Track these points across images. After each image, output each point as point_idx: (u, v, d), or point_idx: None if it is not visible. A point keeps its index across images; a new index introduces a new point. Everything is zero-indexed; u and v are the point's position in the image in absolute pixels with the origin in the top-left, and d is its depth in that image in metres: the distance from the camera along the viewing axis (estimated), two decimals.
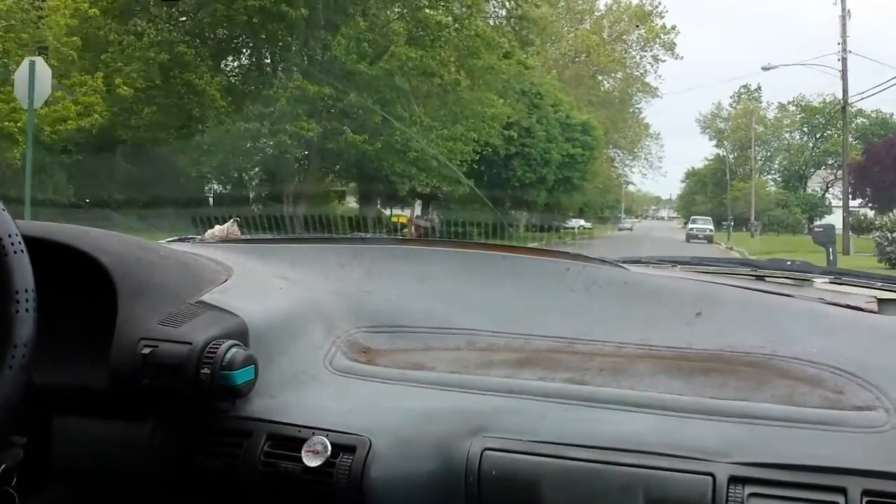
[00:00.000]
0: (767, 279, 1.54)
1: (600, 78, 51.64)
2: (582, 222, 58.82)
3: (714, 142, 69.74)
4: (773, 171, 63.54)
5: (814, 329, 1.21)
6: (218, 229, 1.72)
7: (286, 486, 1.01)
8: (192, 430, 1.06)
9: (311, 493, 1.00)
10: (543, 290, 1.36)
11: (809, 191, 56.71)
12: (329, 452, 1.00)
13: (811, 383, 1.08)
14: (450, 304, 1.35)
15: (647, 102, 58.00)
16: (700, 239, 38.98)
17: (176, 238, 1.72)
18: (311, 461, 0.99)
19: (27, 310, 0.83)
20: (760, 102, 65.61)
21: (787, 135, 62.27)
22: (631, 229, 64.85)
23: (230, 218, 1.80)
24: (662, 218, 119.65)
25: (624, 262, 1.52)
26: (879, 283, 1.55)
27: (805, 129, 59.95)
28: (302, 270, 1.41)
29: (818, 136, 57.87)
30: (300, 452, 1.00)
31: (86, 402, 1.09)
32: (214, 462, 1.04)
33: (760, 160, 63.23)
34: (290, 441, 1.02)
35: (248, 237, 1.82)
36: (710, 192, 67.23)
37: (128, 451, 1.09)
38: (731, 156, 64.77)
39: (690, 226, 43.91)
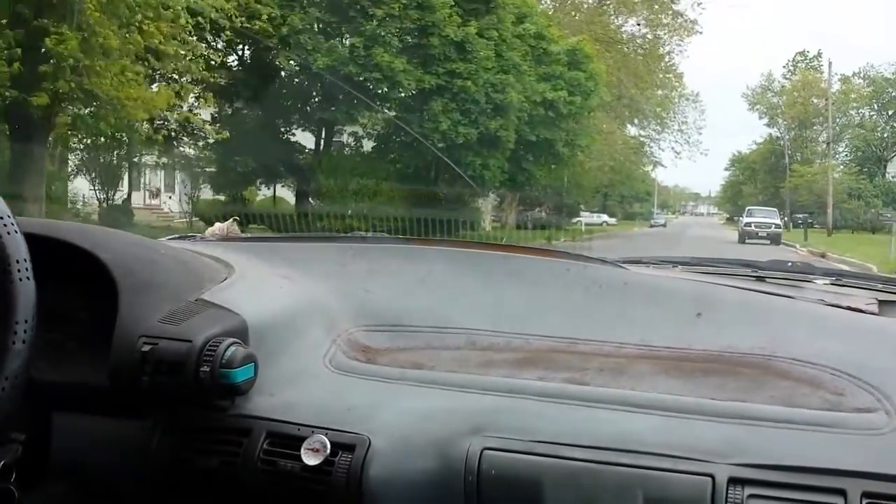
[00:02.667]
0: (768, 280, 1.54)
1: (618, 21, 36.62)
2: (605, 217, 50.66)
3: (765, 120, 56.27)
4: (838, 154, 49.90)
5: (814, 330, 1.21)
6: (218, 227, 1.72)
7: (285, 485, 1.01)
8: (192, 428, 1.06)
9: (310, 491, 1.00)
10: (544, 290, 1.36)
11: (890, 177, 45.40)
12: (328, 451, 1.00)
13: (811, 385, 1.08)
14: (450, 303, 1.35)
15: (678, 45, 39.83)
16: (761, 238, 27.00)
17: (176, 236, 1.72)
18: (311, 460, 0.99)
19: (24, 341, 0.83)
20: (820, 73, 52.02)
21: (853, 111, 49.89)
22: (664, 226, 54.76)
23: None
24: (701, 214, 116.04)
25: (624, 262, 1.52)
26: (880, 285, 1.55)
27: (875, 105, 48.66)
28: (302, 269, 1.41)
29: (891, 112, 47.54)
30: (299, 451, 1.00)
31: (85, 399, 1.09)
32: (214, 460, 1.04)
33: (823, 142, 50.58)
34: (289, 439, 1.02)
35: (249, 235, 1.82)
36: (760, 181, 55.98)
37: (127, 449, 1.09)
38: (786, 136, 53.45)
39: (746, 219, 29.89)
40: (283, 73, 18.59)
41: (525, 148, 21.59)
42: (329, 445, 1.00)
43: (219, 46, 16.14)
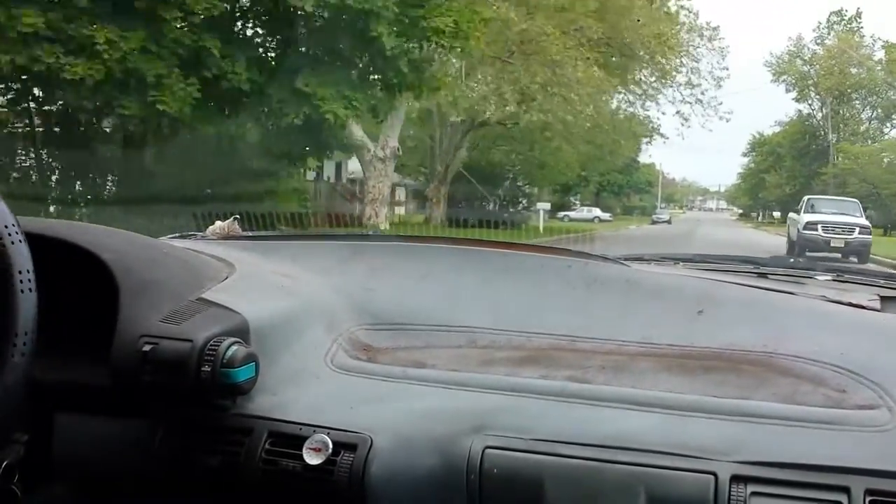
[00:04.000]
0: (770, 277, 1.54)
1: None
2: (596, 212, 43.68)
3: (794, 93, 45.50)
4: (885, 135, 40.76)
5: (816, 327, 1.21)
6: (219, 226, 1.72)
7: (287, 484, 1.01)
8: (194, 428, 1.06)
9: (312, 491, 1.00)
10: (545, 288, 1.35)
11: None
12: (330, 450, 0.99)
13: (813, 382, 1.08)
14: (451, 301, 1.35)
15: None
16: (834, 250, 16.44)
17: (177, 235, 1.72)
18: (312, 459, 0.99)
19: (23, 354, 0.82)
20: (860, 37, 43.16)
21: None
22: (668, 222, 46.59)
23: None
24: (710, 209, 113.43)
25: (626, 259, 1.52)
26: (882, 281, 1.54)
27: None
28: (303, 267, 1.41)
29: None
30: (301, 450, 1.00)
31: (87, 399, 1.09)
32: (215, 460, 1.04)
33: (866, 120, 43.39)
34: (291, 439, 1.02)
35: (250, 234, 1.82)
36: (787, 168, 45.30)
37: (129, 449, 1.09)
38: (826, 110, 43.41)
39: (808, 217, 17.65)
40: None
41: (312, 36, 10.22)
42: (331, 445, 1.00)
43: None
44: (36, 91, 10.26)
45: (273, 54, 11.22)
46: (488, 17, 13.78)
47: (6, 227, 0.83)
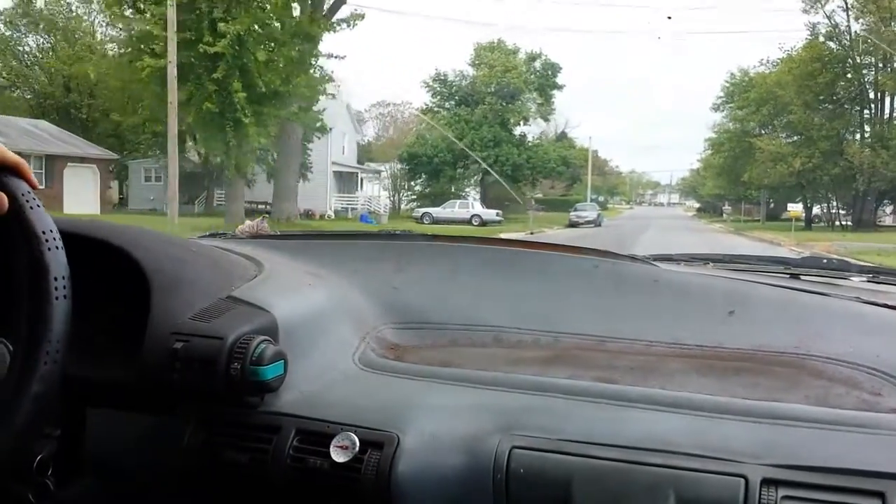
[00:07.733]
0: (802, 277, 1.51)
1: None
2: (476, 207, 32.11)
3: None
4: None
5: (850, 329, 1.19)
6: (248, 225, 1.74)
7: (314, 482, 1.01)
8: (223, 425, 1.07)
9: (338, 488, 1.00)
10: (572, 287, 1.35)
11: None
12: (357, 448, 1.00)
13: (847, 384, 1.06)
14: (478, 300, 1.34)
15: None
16: None
17: (207, 234, 1.74)
18: (339, 457, 1.00)
19: (55, 362, 0.83)
20: None
21: None
22: (597, 224, 34.54)
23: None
24: (661, 204, 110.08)
25: (654, 259, 1.51)
26: None
27: None
28: (331, 266, 1.42)
29: None
30: (328, 448, 1.01)
31: (118, 395, 1.11)
32: (243, 456, 1.05)
33: None
34: (318, 436, 1.03)
35: (279, 233, 1.84)
36: (796, 123, 26.86)
37: (158, 445, 1.10)
38: (848, 28, 24.24)
39: None
40: None
41: None
42: (358, 443, 1.00)
43: None
44: None
45: None
46: None
47: (44, 232, 0.85)
